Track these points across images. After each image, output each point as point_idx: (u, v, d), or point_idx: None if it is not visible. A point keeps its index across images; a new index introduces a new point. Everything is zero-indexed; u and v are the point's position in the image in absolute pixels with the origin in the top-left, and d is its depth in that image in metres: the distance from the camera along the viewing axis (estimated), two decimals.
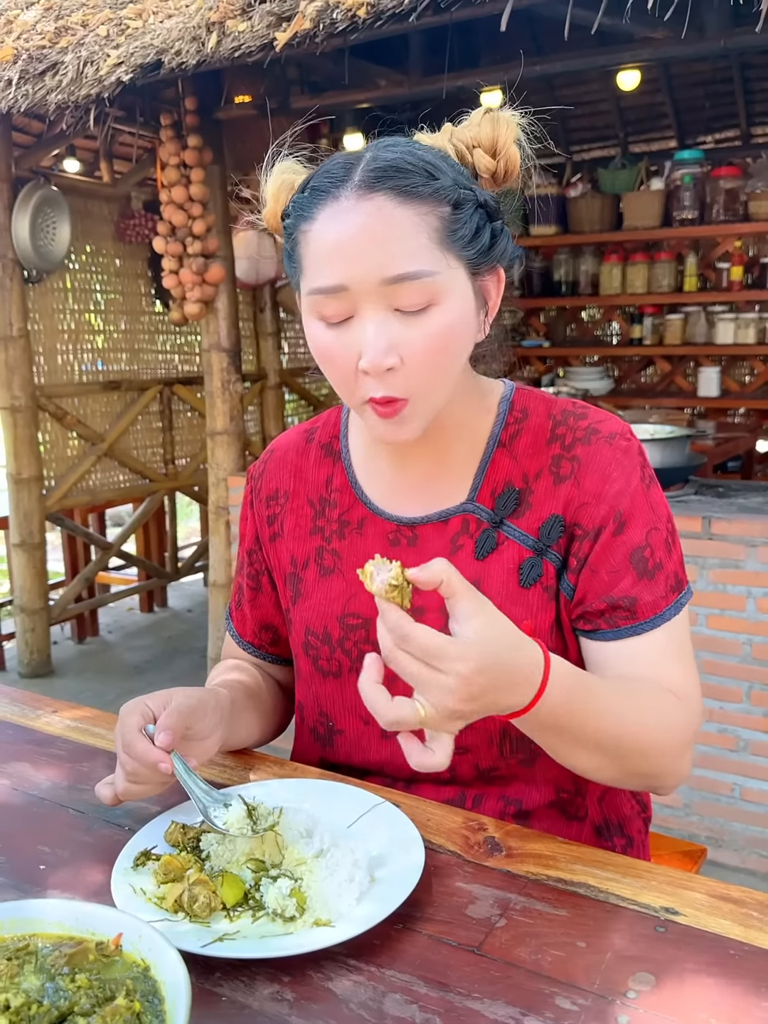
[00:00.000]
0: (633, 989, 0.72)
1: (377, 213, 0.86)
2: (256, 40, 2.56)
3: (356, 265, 0.87)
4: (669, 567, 1.00)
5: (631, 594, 0.98)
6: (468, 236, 0.90)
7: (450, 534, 1.03)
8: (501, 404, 1.06)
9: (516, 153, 0.95)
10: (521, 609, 1.00)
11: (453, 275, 0.89)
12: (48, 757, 1.12)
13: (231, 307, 3.62)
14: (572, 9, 2.25)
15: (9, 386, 4.01)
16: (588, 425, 1.02)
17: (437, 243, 0.88)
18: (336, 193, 0.88)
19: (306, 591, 1.10)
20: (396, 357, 0.88)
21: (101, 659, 4.46)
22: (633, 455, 1.01)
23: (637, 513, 0.99)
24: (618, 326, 5.53)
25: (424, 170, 0.88)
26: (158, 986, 0.65)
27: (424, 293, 0.87)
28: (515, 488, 1.02)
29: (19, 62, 3.08)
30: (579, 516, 0.99)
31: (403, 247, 0.86)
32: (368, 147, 0.92)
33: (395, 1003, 0.71)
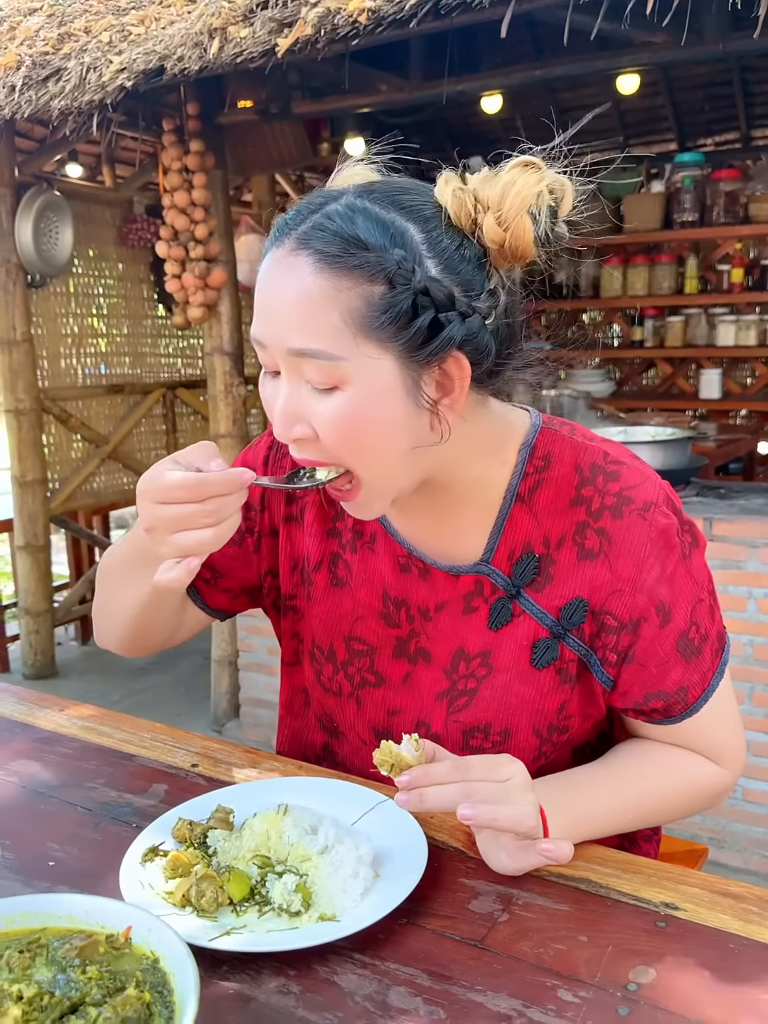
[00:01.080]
0: (634, 982, 0.73)
1: (294, 277, 0.80)
2: (258, 46, 2.57)
3: (269, 327, 0.82)
4: (713, 633, 0.97)
5: (683, 684, 0.95)
6: (396, 324, 0.79)
7: (463, 590, 0.98)
8: (521, 452, 0.95)
9: (526, 227, 0.80)
10: (530, 689, 0.96)
11: (369, 364, 0.80)
12: (56, 755, 1.13)
13: (233, 311, 3.63)
14: (572, 14, 2.27)
15: (13, 389, 4.03)
16: (619, 491, 0.92)
17: (352, 326, 0.79)
18: (282, 239, 0.82)
19: (316, 596, 1.06)
20: (306, 427, 0.83)
21: (104, 661, 4.47)
22: (671, 535, 0.92)
23: (680, 597, 0.93)
24: (619, 328, 5.54)
25: (360, 241, 0.78)
26: (167, 978, 0.67)
27: (327, 374, 0.80)
28: (534, 555, 0.94)
29: (22, 68, 3.10)
30: (610, 604, 0.92)
31: (309, 321, 0.79)
32: (351, 189, 0.84)
33: (399, 996, 0.72)
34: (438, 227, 0.82)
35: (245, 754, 1.13)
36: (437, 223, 0.82)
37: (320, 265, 0.79)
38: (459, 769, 0.82)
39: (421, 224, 0.81)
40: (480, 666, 0.98)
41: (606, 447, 0.97)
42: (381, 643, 1.03)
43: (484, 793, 0.80)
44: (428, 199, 0.84)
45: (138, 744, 1.15)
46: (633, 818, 0.98)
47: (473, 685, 0.98)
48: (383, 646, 1.03)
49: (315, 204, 0.83)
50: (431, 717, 1.01)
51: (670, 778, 1.00)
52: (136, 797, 1.03)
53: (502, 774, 0.83)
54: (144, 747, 1.15)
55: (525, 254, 0.83)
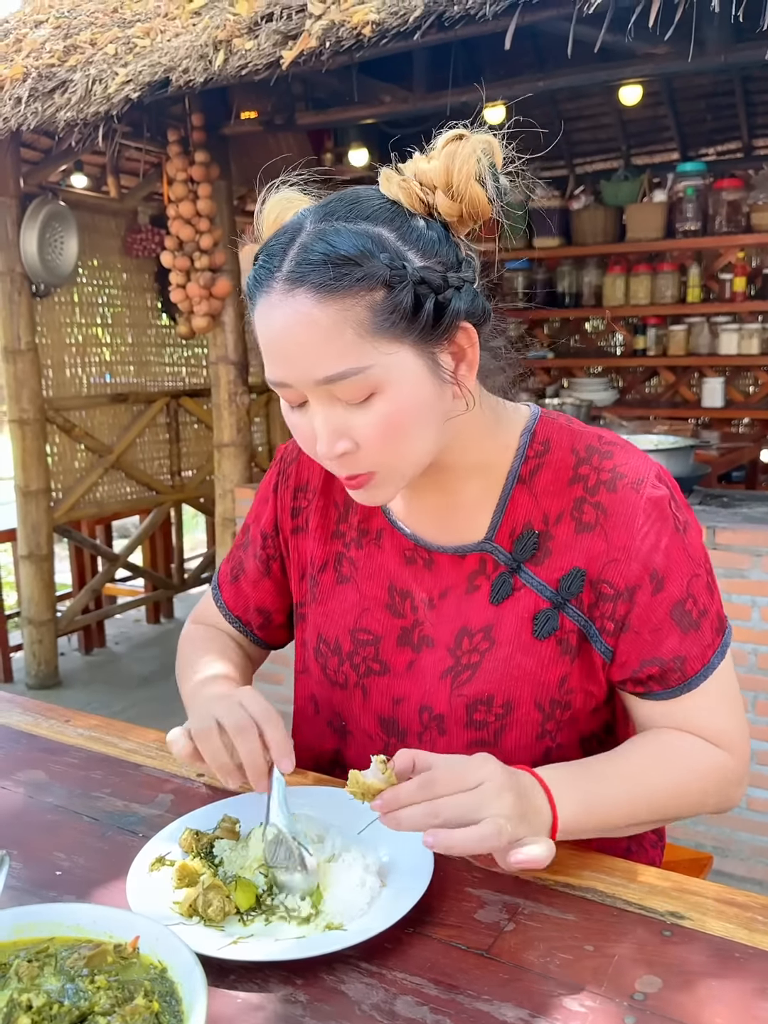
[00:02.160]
0: (640, 991, 0.73)
1: (297, 315, 0.82)
2: (263, 58, 2.59)
3: (289, 367, 0.85)
4: (712, 610, 0.98)
5: (680, 653, 0.96)
6: (405, 318, 0.83)
7: (467, 571, 1.02)
8: (522, 436, 1.01)
9: (477, 192, 0.86)
10: (532, 660, 0.98)
11: (393, 360, 0.84)
12: (62, 765, 1.13)
13: (238, 320, 3.65)
14: (575, 26, 2.28)
15: (18, 399, 4.04)
16: (614, 467, 0.97)
17: (367, 335, 0.82)
18: (268, 284, 0.85)
19: (321, 596, 1.10)
20: (348, 442, 0.87)
21: (108, 670, 4.48)
22: (664, 506, 0.96)
23: (674, 567, 0.95)
24: (622, 337, 5.55)
25: (350, 259, 0.81)
26: (175, 987, 0.67)
27: (360, 387, 0.84)
28: (534, 531, 0.98)
29: (28, 80, 3.12)
30: (607, 573, 0.96)
31: (327, 349, 0.82)
32: (309, 214, 0.87)
33: (406, 1005, 0.72)
34: (403, 221, 0.86)
35: None
36: (401, 218, 0.86)
37: (320, 295, 0.82)
38: (425, 786, 0.80)
39: (388, 224, 0.85)
40: (483, 640, 1.00)
41: (600, 432, 1.02)
42: (386, 632, 1.06)
43: (450, 809, 0.79)
44: (380, 199, 0.88)
45: (144, 754, 1.16)
46: (646, 811, 0.96)
47: (476, 659, 1.00)
48: (387, 635, 1.06)
49: (283, 241, 0.86)
50: (434, 699, 1.02)
51: (679, 762, 0.97)
52: (142, 807, 1.03)
53: (471, 780, 0.81)
54: (150, 757, 1.15)
55: (482, 215, 0.89)
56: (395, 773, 0.82)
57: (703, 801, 1.00)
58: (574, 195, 5.21)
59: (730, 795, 1.01)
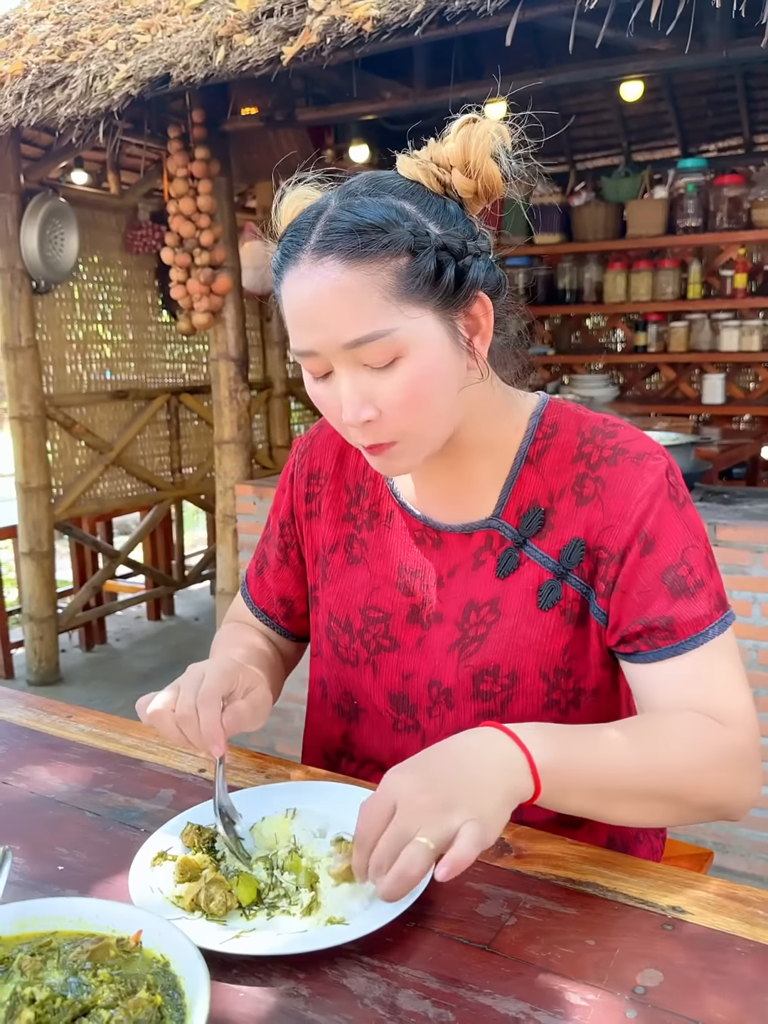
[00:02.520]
0: (641, 985, 0.73)
1: (327, 280, 0.86)
2: (263, 54, 2.59)
3: (317, 333, 0.89)
4: (711, 586, 0.97)
5: (667, 614, 0.95)
6: (429, 282, 0.88)
7: (474, 548, 1.04)
8: (532, 419, 1.05)
9: (493, 169, 0.91)
10: (536, 630, 1.00)
11: (417, 324, 0.88)
12: (64, 761, 1.13)
13: (238, 317, 3.64)
14: (576, 22, 2.28)
15: (18, 396, 4.04)
16: (616, 444, 1.00)
17: (392, 299, 0.87)
18: (296, 257, 0.89)
19: (332, 576, 1.13)
20: (372, 410, 0.90)
21: (109, 667, 4.48)
22: (660, 473, 0.98)
23: (667, 531, 0.96)
24: (623, 333, 5.55)
25: (377, 227, 0.86)
26: (178, 981, 0.67)
27: (386, 350, 0.88)
28: (540, 508, 1.01)
29: (29, 76, 3.12)
30: (603, 539, 0.98)
31: (355, 312, 0.86)
32: (333, 195, 0.91)
33: (408, 999, 0.72)
34: (421, 196, 0.91)
35: (252, 758, 1.13)
36: (419, 194, 0.91)
37: (348, 261, 0.86)
38: (361, 848, 0.77)
39: (408, 198, 0.90)
40: (489, 612, 1.02)
41: (605, 416, 1.06)
42: (396, 610, 1.08)
43: (383, 856, 0.74)
44: (400, 179, 0.93)
45: (145, 749, 1.16)
46: (642, 770, 0.88)
47: (483, 631, 1.02)
48: (397, 612, 1.08)
49: (310, 217, 0.90)
50: (442, 673, 1.04)
51: (679, 729, 0.92)
52: (144, 802, 1.03)
53: (380, 814, 0.76)
54: (151, 752, 1.15)
55: (496, 192, 0.94)
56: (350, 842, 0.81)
57: (714, 775, 0.91)
58: (575, 191, 5.21)
59: (742, 777, 0.93)
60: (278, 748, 3.21)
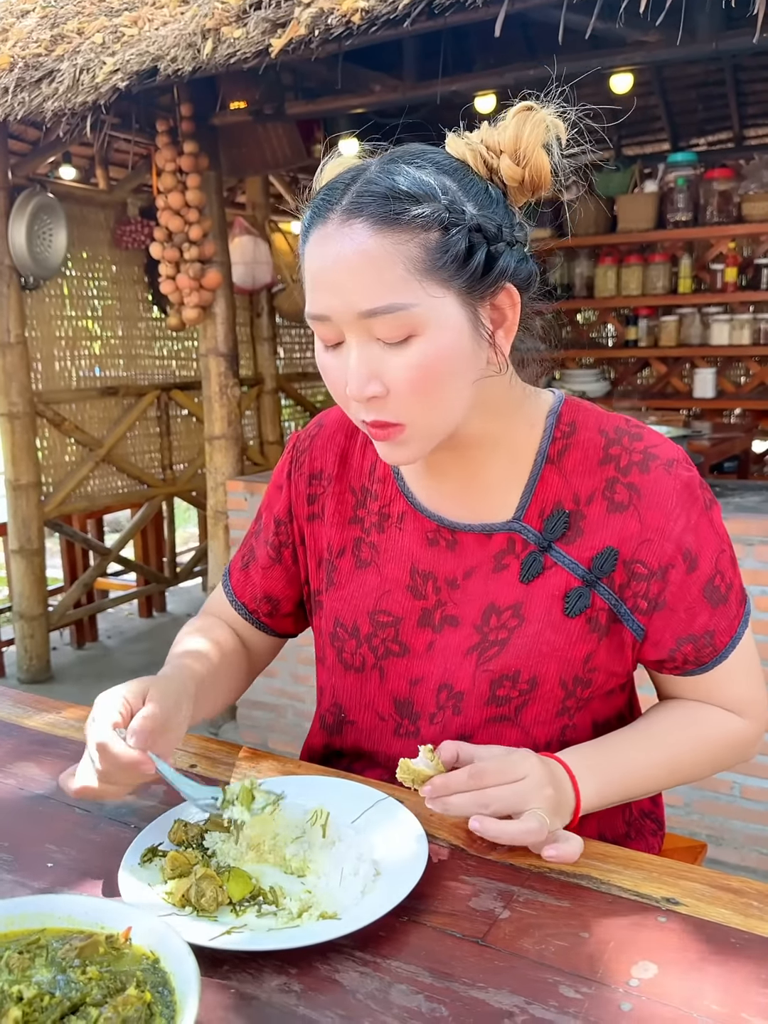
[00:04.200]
0: (636, 977, 0.73)
1: (352, 243, 0.83)
2: (251, 46, 2.57)
3: (334, 297, 0.86)
4: (736, 583, 1.02)
5: (710, 627, 0.99)
6: (457, 262, 0.85)
7: (493, 550, 1.01)
8: (548, 417, 1.01)
9: (543, 160, 0.89)
10: (561, 637, 0.98)
11: (437, 304, 0.85)
12: (53, 757, 1.12)
13: (228, 312, 3.63)
14: (566, 14, 2.27)
15: (7, 393, 4.02)
16: (645, 448, 0.98)
17: (417, 273, 0.84)
18: (325, 216, 0.86)
19: (340, 581, 1.09)
20: (379, 386, 0.87)
21: (100, 664, 4.46)
22: (695, 487, 0.97)
23: (705, 545, 0.98)
24: (613, 328, 5.55)
25: (411, 196, 0.83)
26: (168, 977, 0.66)
27: (401, 326, 0.85)
28: (565, 510, 0.99)
29: (15, 70, 3.09)
30: (640, 553, 0.97)
31: (376, 280, 0.83)
32: (375, 160, 0.89)
33: (401, 993, 0.72)
34: (465, 175, 0.89)
35: (243, 754, 1.12)
36: (463, 172, 0.89)
37: (377, 226, 0.83)
38: (475, 777, 0.86)
39: (451, 174, 0.88)
40: (512, 617, 1.00)
41: (625, 416, 1.04)
42: (406, 614, 1.05)
43: (499, 800, 0.85)
44: (446, 155, 0.91)
45: None
46: (667, 776, 1.02)
47: (504, 636, 1.00)
48: (408, 616, 1.05)
49: (347, 179, 0.87)
50: (455, 677, 1.02)
51: (700, 733, 1.04)
52: (134, 798, 1.02)
53: (517, 772, 0.87)
54: None
55: (543, 185, 0.92)
56: (441, 762, 0.88)
57: (720, 763, 1.07)
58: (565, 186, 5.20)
59: (744, 754, 1.07)
60: (270, 744, 3.20)
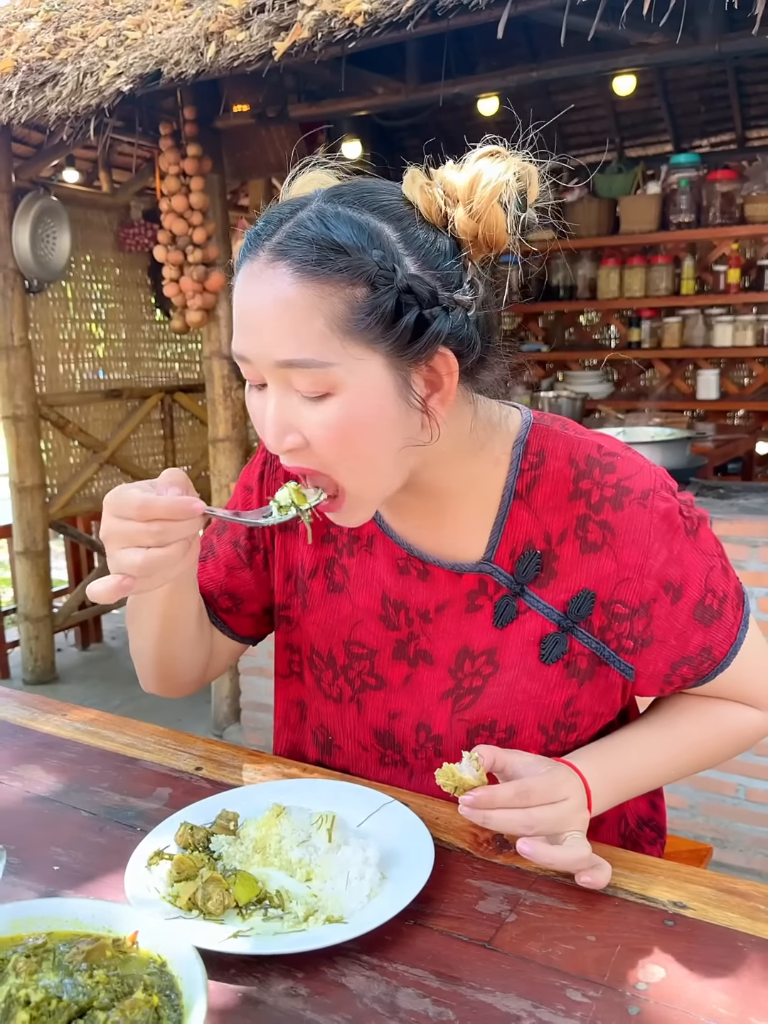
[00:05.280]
0: (643, 981, 0.73)
1: (273, 289, 0.79)
2: (254, 50, 2.58)
3: (252, 341, 0.82)
4: (730, 591, 0.97)
5: (705, 645, 0.96)
6: (383, 324, 0.78)
7: (466, 588, 0.97)
8: (515, 448, 0.95)
9: (497, 216, 0.81)
10: (537, 684, 0.96)
11: (359, 366, 0.79)
12: (59, 760, 1.12)
13: (232, 314, 3.63)
14: (568, 16, 2.27)
15: (11, 395, 4.03)
16: (617, 481, 0.92)
17: (338, 331, 0.78)
18: (255, 251, 0.81)
19: (312, 604, 1.06)
20: (297, 437, 0.82)
21: (105, 665, 4.47)
22: (673, 517, 0.92)
23: (690, 572, 0.93)
24: (616, 330, 5.54)
25: (341, 247, 0.77)
26: (175, 981, 0.66)
27: (317, 382, 0.79)
28: (536, 551, 0.94)
29: (19, 74, 3.10)
30: (619, 593, 0.92)
31: (293, 332, 0.78)
32: (320, 194, 0.83)
33: (408, 997, 0.72)
34: (412, 224, 0.82)
35: (249, 757, 1.12)
36: (410, 220, 0.82)
37: (300, 274, 0.78)
38: (522, 795, 0.84)
39: (395, 223, 0.81)
40: (486, 664, 0.98)
41: (598, 440, 0.97)
42: (381, 646, 1.02)
43: (543, 823, 0.84)
44: (397, 197, 0.83)
45: (141, 748, 1.15)
46: (676, 770, 1.02)
47: (479, 683, 0.98)
48: (383, 649, 1.02)
49: (284, 212, 0.82)
50: (432, 718, 1.00)
51: (711, 727, 1.03)
52: (140, 801, 1.02)
53: (560, 793, 0.86)
54: (147, 751, 1.14)
55: (498, 243, 0.83)
56: (486, 765, 0.87)
57: (731, 754, 1.06)
58: (568, 187, 5.20)
59: (752, 744, 1.06)
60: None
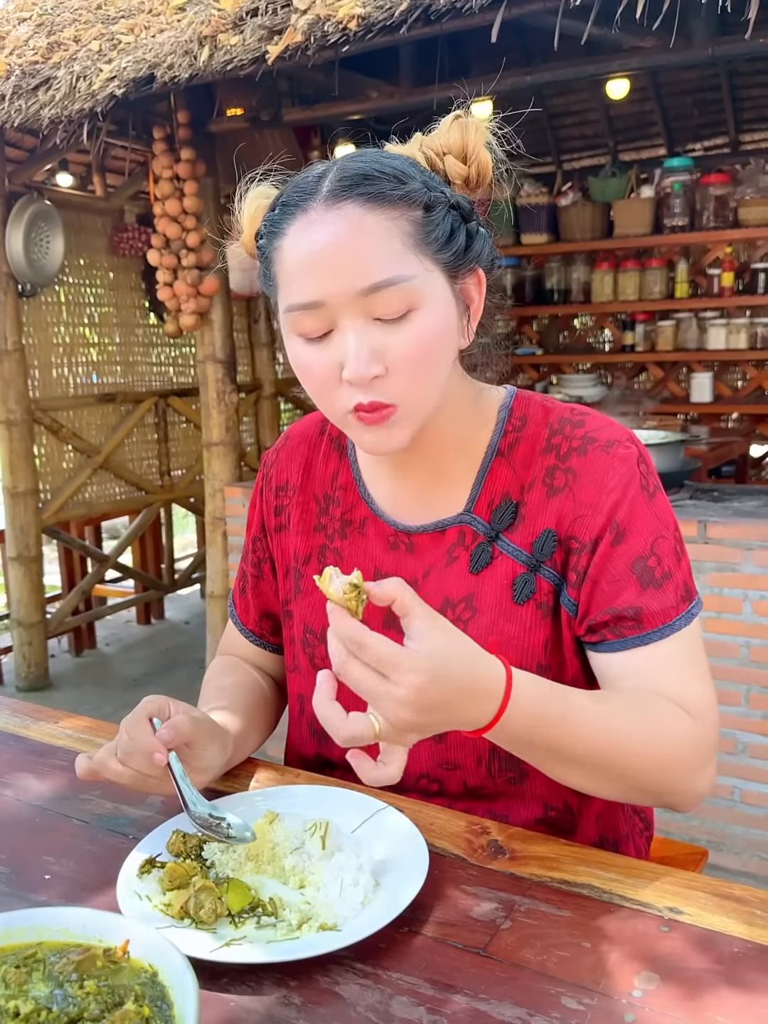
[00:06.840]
0: (639, 988, 0.72)
1: (346, 222, 0.85)
2: (248, 54, 2.57)
3: (329, 279, 0.85)
4: (679, 576, 0.97)
5: (636, 604, 0.95)
6: (443, 238, 0.89)
7: (446, 545, 1.03)
8: (501, 412, 1.04)
9: (487, 157, 0.94)
10: (514, 626, 0.99)
11: (431, 278, 0.88)
12: (50, 767, 1.12)
13: (226, 318, 3.63)
14: (562, 20, 2.27)
15: (4, 400, 4.01)
16: (584, 433, 0.99)
17: (411, 247, 0.86)
18: (305, 206, 0.87)
19: (307, 588, 1.11)
20: (380, 366, 0.87)
21: (99, 672, 4.45)
22: (632, 463, 0.97)
23: (638, 522, 0.96)
24: (610, 333, 5.55)
25: (392, 175, 0.87)
26: (166, 991, 0.66)
27: (403, 299, 0.86)
28: (512, 501, 1.00)
29: (12, 77, 3.10)
30: (574, 529, 0.97)
31: (376, 255, 0.85)
32: (336, 160, 0.91)
33: (402, 1005, 0.71)
34: (422, 167, 0.93)
35: (242, 763, 1.11)
36: (419, 165, 0.93)
37: (368, 204, 0.85)
38: (356, 643, 0.75)
39: (414, 165, 0.92)
40: (465, 609, 1.01)
41: (572, 405, 1.05)
42: (369, 616, 1.03)
43: (355, 680, 0.75)
44: (399, 154, 0.94)
45: None
46: (607, 739, 0.87)
47: (460, 628, 0.97)
48: (371, 618, 1.03)
49: (314, 176, 0.90)
50: None
51: (649, 709, 0.92)
52: (132, 809, 1.01)
53: (393, 674, 0.74)
54: None
55: (485, 179, 0.96)
56: (376, 596, 0.77)
57: (673, 763, 0.92)
58: (561, 191, 5.21)
59: (697, 770, 0.93)
60: (270, 752, 3.19)
